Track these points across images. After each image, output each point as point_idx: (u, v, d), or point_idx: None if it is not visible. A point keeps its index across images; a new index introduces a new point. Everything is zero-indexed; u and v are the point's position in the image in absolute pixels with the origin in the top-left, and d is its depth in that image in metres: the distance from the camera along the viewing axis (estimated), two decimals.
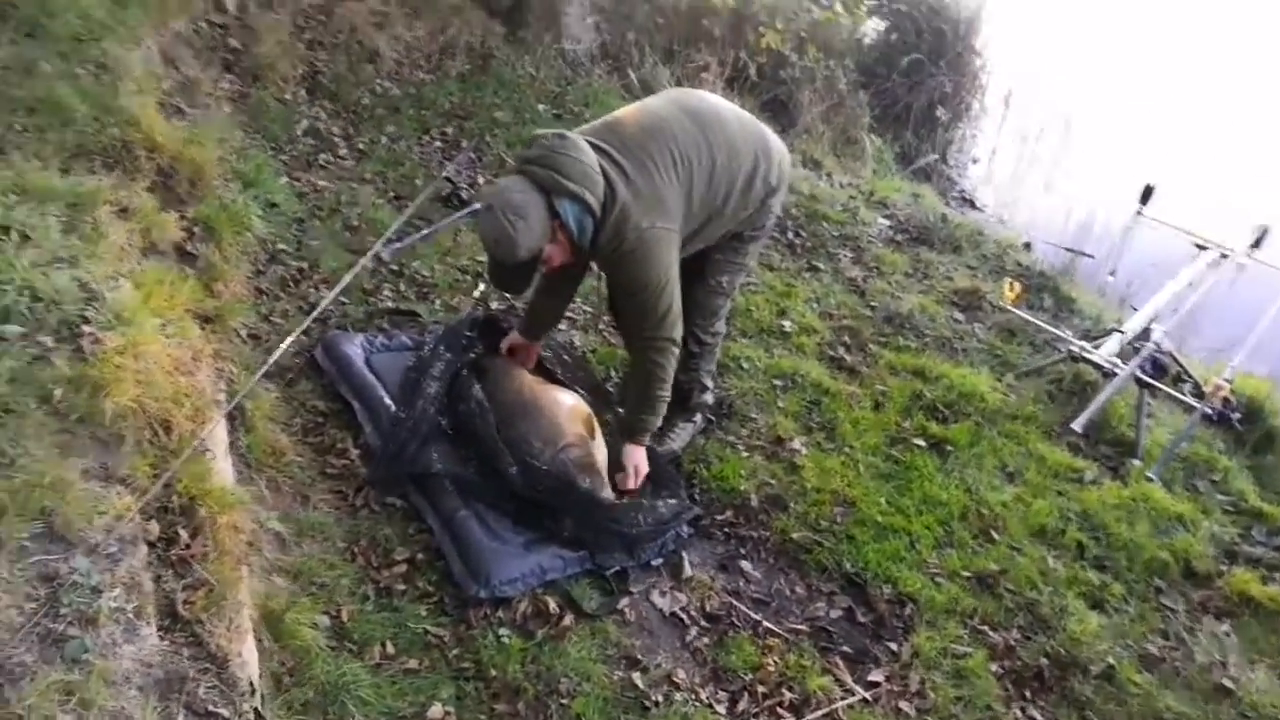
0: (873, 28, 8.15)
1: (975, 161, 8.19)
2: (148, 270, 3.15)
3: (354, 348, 3.54)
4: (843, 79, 7.20)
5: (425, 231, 4.50)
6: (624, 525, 2.97)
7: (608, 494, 3.02)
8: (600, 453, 3.14)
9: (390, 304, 3.99)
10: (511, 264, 2.77)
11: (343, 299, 3.95)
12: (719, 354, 3.53)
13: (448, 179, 4.88)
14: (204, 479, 2.38)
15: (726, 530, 3.22)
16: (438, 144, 5.39)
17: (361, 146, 5.20)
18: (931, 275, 4.94)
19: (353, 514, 2.94)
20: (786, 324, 4.37)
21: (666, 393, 3.07)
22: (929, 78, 7.54)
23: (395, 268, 4.24)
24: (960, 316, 4.66)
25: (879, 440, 3.75)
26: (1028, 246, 5.42)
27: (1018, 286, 4.30)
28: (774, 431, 3.70)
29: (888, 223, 5.39)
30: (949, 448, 3.75)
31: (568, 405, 3.23)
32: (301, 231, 4.33)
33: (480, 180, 5.05)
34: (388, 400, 3.29)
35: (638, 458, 3.11)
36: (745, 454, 3.57)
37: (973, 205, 7.33)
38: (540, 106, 5.83)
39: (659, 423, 3.16)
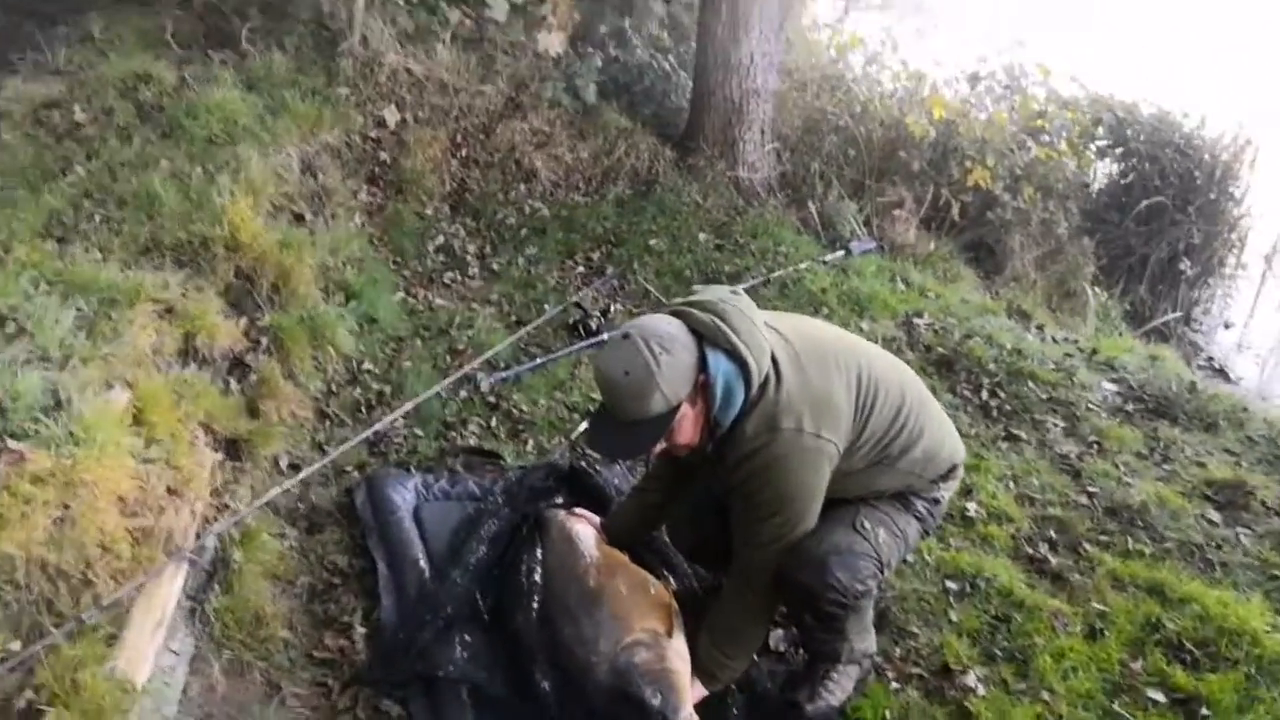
0: (1103, 172, 7.11)
1: (1228, 326, 6.83)
2: (171, 379, 2.65)
3: (405, 491, 2.89)
4: (1063, 222, 6.19)
5: (539, 360, 3.88)
6: None
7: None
8: (680, 659, 2.27)
9: (473, 440, 3.34)
10: (630, 419, 2.05)
11: (417, 430, 3.34)
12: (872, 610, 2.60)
13: (578, 304, 4.28)
14: (78, 668, 1.72)
15: None
16: (580, 269, 4.85)
17: (495, 267, 4.73)
18: (1174, 459, 3.78)
19: None
20: (971, 507, 3.36)
21: (761, 631, 2.38)
22: (1172, 225, 6.37)
23: (493, 399, 3.61)
24: (1216, 517, 3.46)
25: (1094, 685, 2.64)
26: None
27: None
28: (940, 657, 2.69)
29: (1114, 388, 4.28)
30: (1204, 711, 2.58)
31: (644, 588, 2.40)
32: (397, 351, 3.81)
33: (616, 310, 4.42)
34: (424, 564, 2.59)
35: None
36: (897, 686, 2.58)
37: (1225, 377, 5.98)
38: (701, 235, 5.21)
39: (735, 673, 2.36)
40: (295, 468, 3.00)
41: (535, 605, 2.35)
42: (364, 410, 3.39)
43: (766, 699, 2.46)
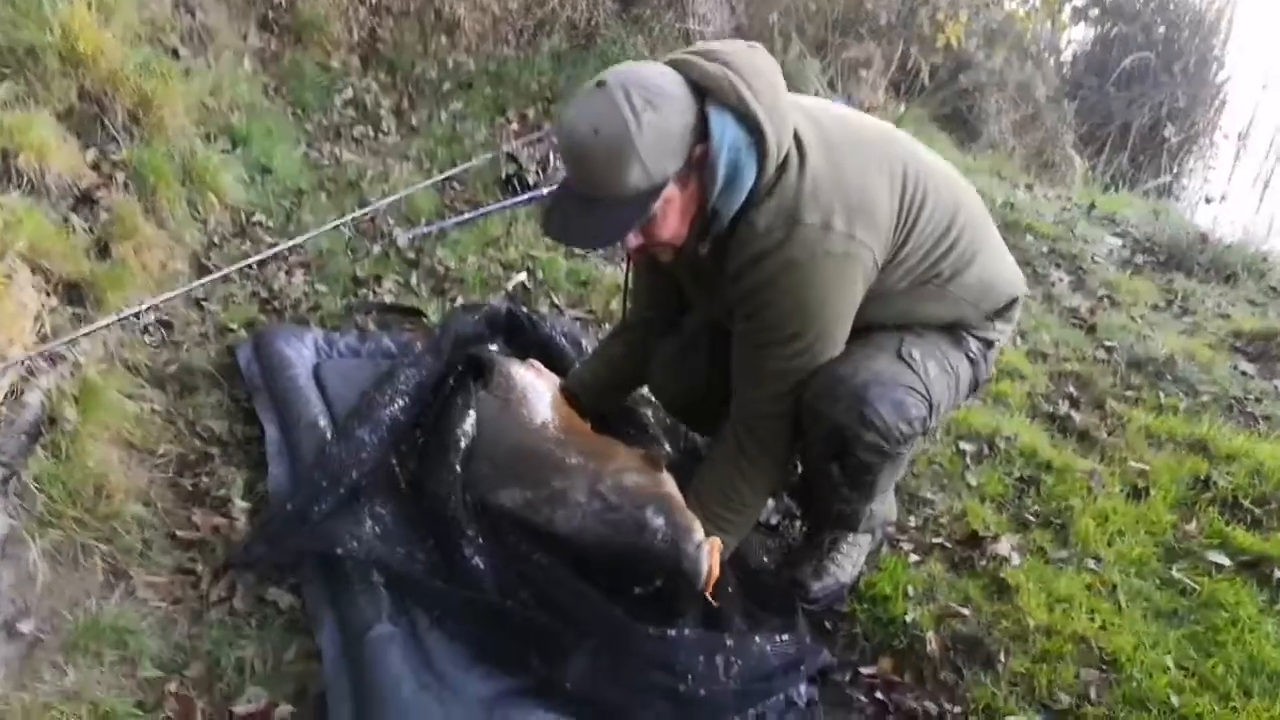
0: (1078, 37, 6.62)
1: (1209, 201, 6.45)
2: None
3: (302, 347, 2.32)
4: (1040, 85, 5.69)
5: (467, 215, 3.29)
6: (690, 674, 1.56)
7: (698, 554, 1.62)
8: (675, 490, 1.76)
9: (389, 298, 2.76)
10: (598, 194, 1.51)
11: (320, 286, 2.75)
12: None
13: (511, 155, 3.67)
14: None
15: (880, 697, 1.76)
16: (514, 126, 4.22)
17: (414, 123, 4.08)
18: (1195, 311, 3.36)
19: (197, 615, 1.64)
20: None
21: (762, 500, 1.89)
22: (1155, 88, 5.92)
23: (412, 255, 3.02)
24: (1250, 369, 3.05)
25: (1146, 551, 2.20)
26: None
27: None
28: (964, 525, 2.22)
29: (1119, 241, 3.84)
30: (1277, 571, 2.16)
31: (621, 448, 1.88)
32: (296, 205, 3.18)
33: (556, 164, 3.82)
34: (324, 426, 2.02)
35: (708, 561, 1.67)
36: (916, 559, 2.11)
37: None
38: None
39: (738, 537, 1.85)
40: (167, 325, 2.39)
41: (472, 470, 1.81)
42: (255, 266, 2.77)
43: (761, 578, 1.97)
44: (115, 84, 2.74)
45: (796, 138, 1.61)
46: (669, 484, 1.74)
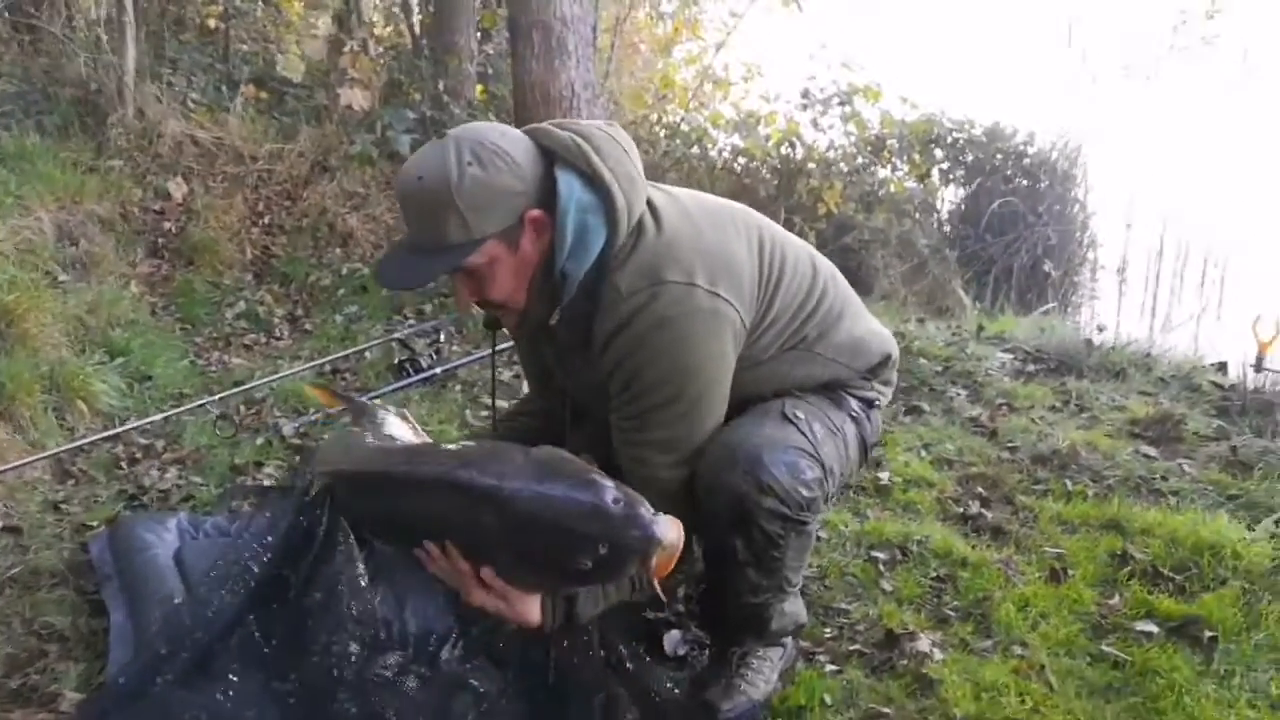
0: (949, 197, 7.06)
1: (1101, 330, 6.69)
2: None
3: (164, 531, 2.17)
4: (922, 238, 6.00)
5: (358, 400, 3.23)
6: None
7: (655, 519, 1.37)
8: None
9: (270, 481, 2.64)
10: (420, 241, 1.54)
11: (195, 478, 2.63)
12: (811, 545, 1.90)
13: (403, 342, 3.67)
14: None
15: None
16: (410, 321, 4.26)
17: (309, 327, 4.11)
18: (1091, 407, 3.38)
19: None
20: (883, 477, 2.84)
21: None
22: (1027, 230, 6.28)
23: (298, 441, 2.93)
24: (1152, 451, 3.05)
25: (1074, 629, 2.10)
26: (1222, 367, 3.83)
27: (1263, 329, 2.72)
28: (880, 628, 2.10)
29: (1010, 356, 3.92)
30: (1208, 633, 2.06)
31: None
32: (176, 406, 3.10)
33: (452, 350, 3.83)
34: (178, 602, 1.86)
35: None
36: (834, 668, 1.97)
37: None
38: None
39: (604, 605, 1.64)
40: (15, 530, 2.24)
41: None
42: (125, 465, 2.66)
43: (668, 708, 1.81)
44: None
45: (651, 205, 1.63)
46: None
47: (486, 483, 1.41)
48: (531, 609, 1.51)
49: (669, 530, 1.36)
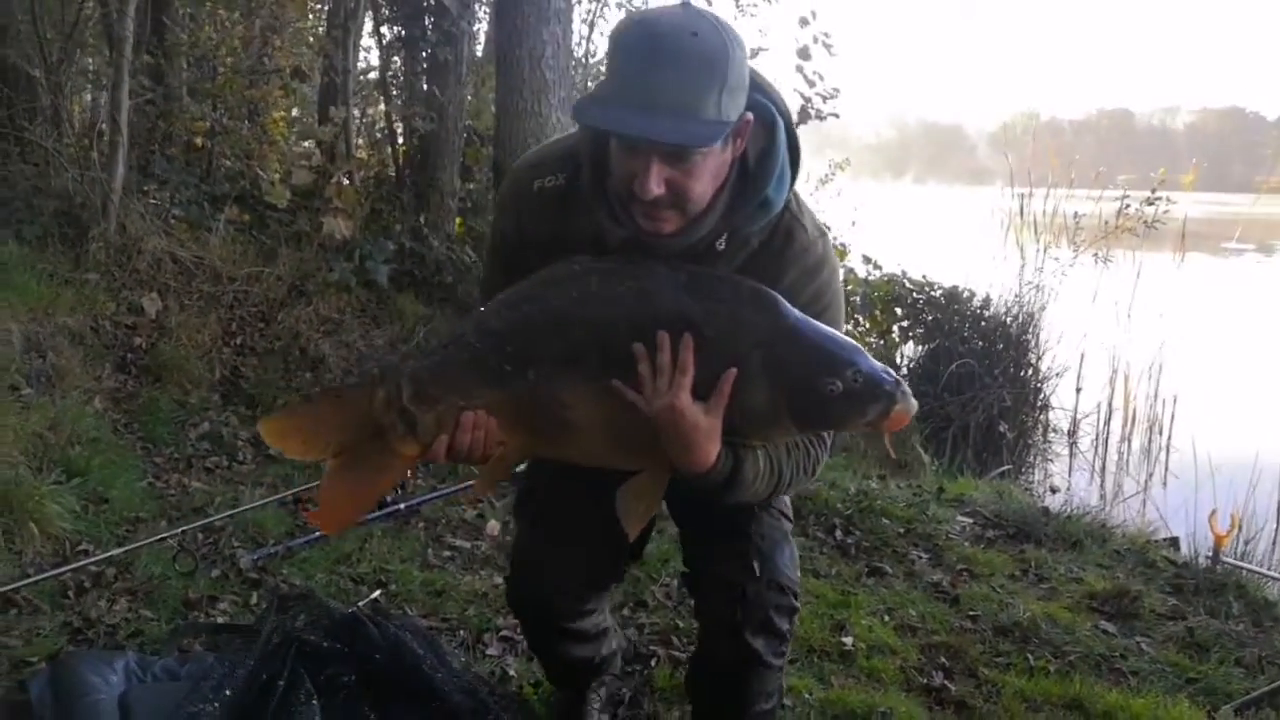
0: (908, 354, 7.27)
1: (1054, 491, 6.82)
2: None
3: (109, 673, 2.09)
4: None
5: (318, 535, 3.18)
6: None
7: None
8: None
9: (223, 618, 2.56)
10: (671, 101, 1.29)
11: (146, 612, 2.55)
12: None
13: None
14: None
15: None
16: None
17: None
18: (1050, 578, 3.42)
19: None
20: (847, 641, 2.83)
21: (781, 481, 1.59)
22: (982, 390, 6.45)
23: (255, 576, 2.86)
24: (1110, 627, 3.07)
25: None
26: (1174, 543, 3.92)
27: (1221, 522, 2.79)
28: None
29: (970, 520, 3.96)
30: None
31: None
32: (132, 532, 3.03)
33: (418, 481, 3.80)
34: None
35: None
36: None
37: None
38: None
39: (757, 492, 1.57)
40: None
41: None
42: (73, 595, 2.57)
43: None
44: None
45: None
46: None
47: (755, 285, 1.45)
48: (715, 442, 1.42)
49: (911, 394, 1.41)
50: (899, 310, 6.94)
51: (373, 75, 7.54)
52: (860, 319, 6.72)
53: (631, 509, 1.51)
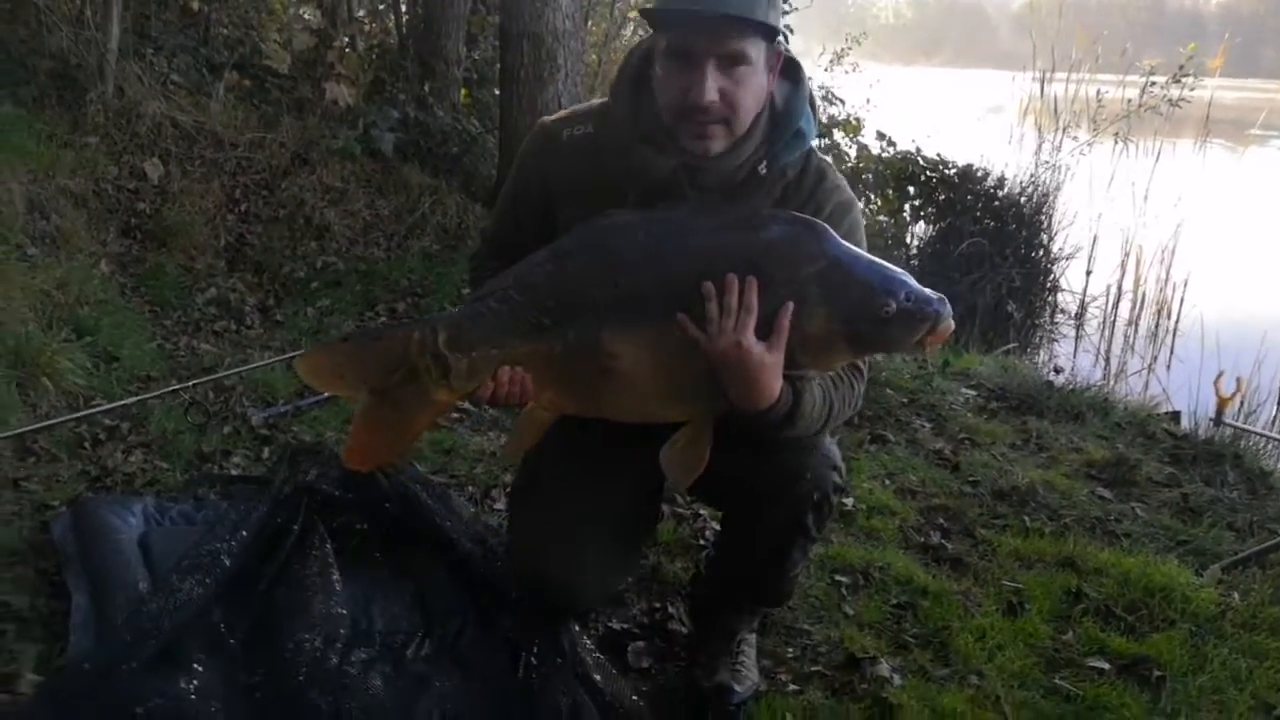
0: (919, 233, 7.19)
1: (1058, 371, 6.83)
2: None
3: (129, 516, 2.15)
4: None
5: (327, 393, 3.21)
6: None
7: None
8: None
9: (236, 471, 2.62)
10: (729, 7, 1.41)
11: (160, 463, 2.60)
12: None
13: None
14: None
15: None
16: (383, 319, 4.24)
17: (280, 318, 4.07)
18: (1050, 447, 3.47)
19: None
20: (848, 502, 2.88)
21: (831, 413, 1.64)
22: (992, 270, 6.40)
23: (266, 432, 2.91)
24: (1107, 493, 3.13)
25: (1027, 662, 2.15)
26: (1175, 417, 3.95)
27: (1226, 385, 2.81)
28: (842, 651, 2.14)
29: (974, 392, 4.00)
30: (1157, 672, 2.12)
31: None
32: (143, 389, 3.07)
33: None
34: (143, 589, 1.84)
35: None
36: (794, 688, 2.01)
37: None
38: None
39: (811, 425, 1.60)
40: None
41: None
42: (89, 446, 2.62)
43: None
44: None
45: None
46: None
47: (801, 215, 1.51)
48: (778, 378, 1.45)
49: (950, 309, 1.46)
50: (911, 189, 6.83)
51: None
52: (872, 196, 6.62)
53: (682, 461, 1.52)
